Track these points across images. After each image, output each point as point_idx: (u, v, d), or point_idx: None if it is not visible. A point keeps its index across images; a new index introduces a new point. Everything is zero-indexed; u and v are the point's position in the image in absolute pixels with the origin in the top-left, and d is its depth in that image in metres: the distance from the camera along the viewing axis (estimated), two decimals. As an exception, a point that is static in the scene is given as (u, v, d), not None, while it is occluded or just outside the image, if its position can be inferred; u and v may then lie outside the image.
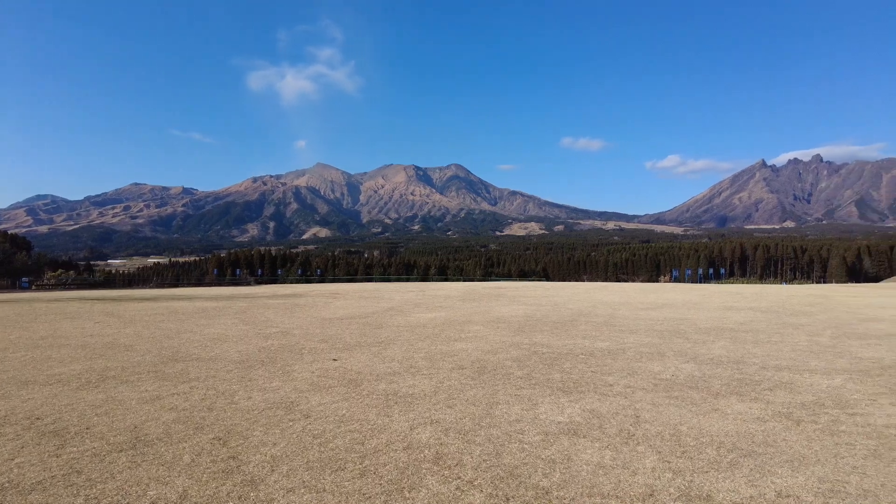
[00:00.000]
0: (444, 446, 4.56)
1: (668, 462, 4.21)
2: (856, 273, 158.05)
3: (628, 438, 4.75)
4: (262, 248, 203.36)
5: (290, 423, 5.21)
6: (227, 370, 7.75)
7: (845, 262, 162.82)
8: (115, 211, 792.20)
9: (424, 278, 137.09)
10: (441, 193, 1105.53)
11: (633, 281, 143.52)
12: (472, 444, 4.62)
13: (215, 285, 64.61)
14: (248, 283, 72.75)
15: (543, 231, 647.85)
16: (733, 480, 3.88)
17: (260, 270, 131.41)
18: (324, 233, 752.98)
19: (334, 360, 8.54)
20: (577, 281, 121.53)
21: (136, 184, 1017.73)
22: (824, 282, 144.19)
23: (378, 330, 12.34)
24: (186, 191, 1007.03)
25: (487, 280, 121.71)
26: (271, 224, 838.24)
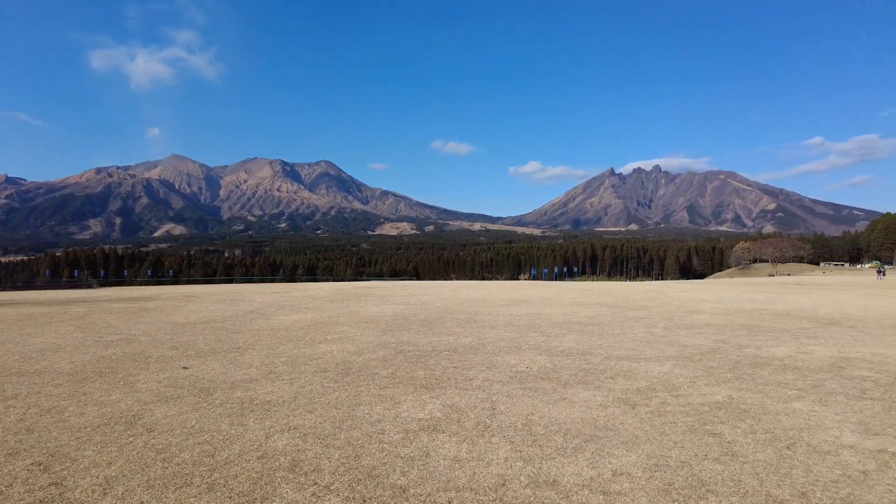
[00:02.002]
0: (302, 452, 4.42)
1: (520, 451, 4.45)
2: (686, 271, 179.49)
3: (484, 430, 4.96)
4: (107, 247, 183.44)
5: (130, 439, 4.74)
6: (56, 384, 6.87)
7: (678, 261, 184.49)
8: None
9: (291, 279, 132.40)
10: (310, 190, 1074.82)
11: (497, 279, 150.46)
12: (331, 447, 4.53)
13: (48, 288, 57.05)
14: (90, 286, 65.16)
15: (415, 231, 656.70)
16: (577, 464, 4.19)
17: (103, 271, 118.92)
18: (179, 230, 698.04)
19: (185, 368, 7.93)
20: (446, 280, 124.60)
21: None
22: (661, 278, 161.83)
23: (236, 335, 11.66)
24: (11, 180, 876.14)
25: (359, 280, 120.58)
26: (118, 220, 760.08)
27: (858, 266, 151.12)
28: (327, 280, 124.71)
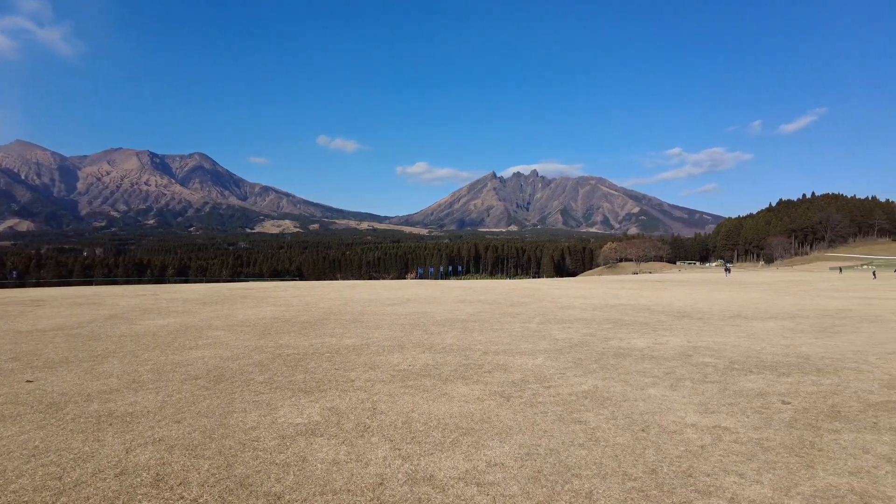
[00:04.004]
0: (167, 466, 4.13)
1: (399, 449, 4.49)
2: (561, 269, 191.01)
3: (364, 431, 4.94)
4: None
5: (-45, 467, 4.14)
6: None
7: (553, 260, 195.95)
8: None
9: (160, 280, 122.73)
10: (182, 185, 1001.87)
11: (384, 278, 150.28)
12: (201, 458, 4.28)
13: None
14: None
15: (298, 230, 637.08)
16: (453, 458, 4.31)
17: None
18: (26, 225, 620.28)
19: (29, 381, 7.07)
20: (331, 280, 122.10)
21: None
22: (538, 276, 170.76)
23: (93, 342, 10.58)
24: None
25: (236, 281, 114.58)
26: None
27: (707, 264, 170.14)
28: (200, 281, 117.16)
